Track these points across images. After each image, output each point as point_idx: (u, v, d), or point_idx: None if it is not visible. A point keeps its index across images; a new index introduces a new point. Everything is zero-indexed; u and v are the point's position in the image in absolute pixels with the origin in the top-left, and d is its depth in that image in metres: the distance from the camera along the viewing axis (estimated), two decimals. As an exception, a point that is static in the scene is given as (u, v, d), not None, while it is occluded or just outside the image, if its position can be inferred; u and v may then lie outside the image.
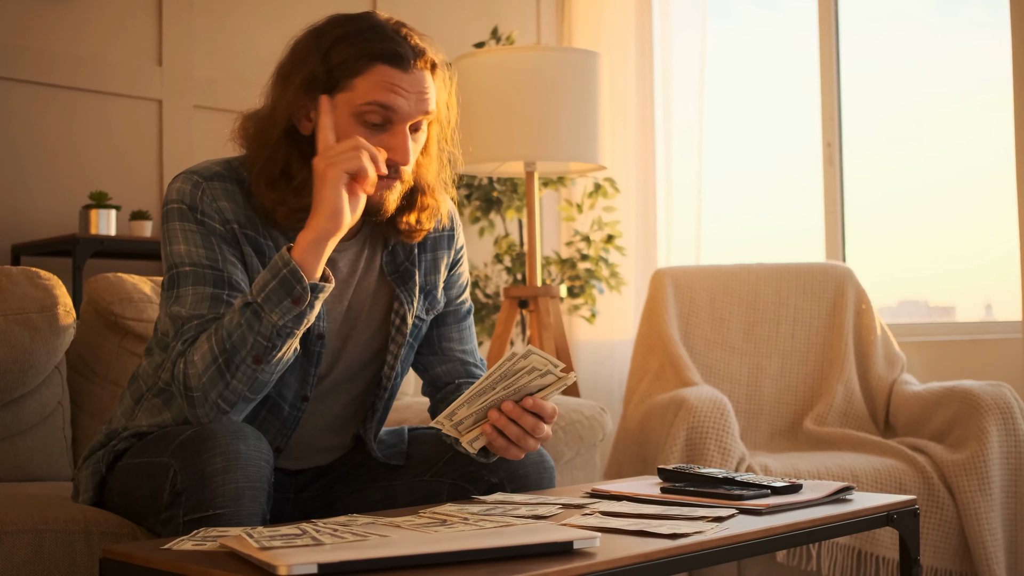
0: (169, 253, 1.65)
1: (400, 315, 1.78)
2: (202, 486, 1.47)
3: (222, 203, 1.65)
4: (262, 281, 1.53)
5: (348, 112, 1.62)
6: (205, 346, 1.55)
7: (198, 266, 1.62)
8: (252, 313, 1.52)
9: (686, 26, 4.41)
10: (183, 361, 1.58)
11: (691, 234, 4.33)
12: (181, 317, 1.61)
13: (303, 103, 1.66)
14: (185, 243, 1.63)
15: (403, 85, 1.62)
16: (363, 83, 1.61)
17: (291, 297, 1.51)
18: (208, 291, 1.61)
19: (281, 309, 1.52)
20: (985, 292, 4.06)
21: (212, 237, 1.63)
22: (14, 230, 3.44)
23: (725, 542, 1.35)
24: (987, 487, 2.83)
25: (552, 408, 1.58)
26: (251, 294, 1.53)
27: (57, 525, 1.70)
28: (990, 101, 3.99)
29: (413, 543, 1.22)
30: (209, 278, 1.62)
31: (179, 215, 1.64)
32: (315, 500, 1.85)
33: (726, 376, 3.39)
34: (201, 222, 1.64)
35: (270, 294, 1.52)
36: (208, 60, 3.83)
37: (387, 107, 1.61)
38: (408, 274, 1.79)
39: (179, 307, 1.61)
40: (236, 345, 1.53)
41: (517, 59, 3.30)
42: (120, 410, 1.81)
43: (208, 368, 1.54)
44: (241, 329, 1.52)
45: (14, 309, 2.20)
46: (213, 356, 1.54)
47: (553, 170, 3.61)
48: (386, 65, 1.61)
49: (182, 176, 1.67)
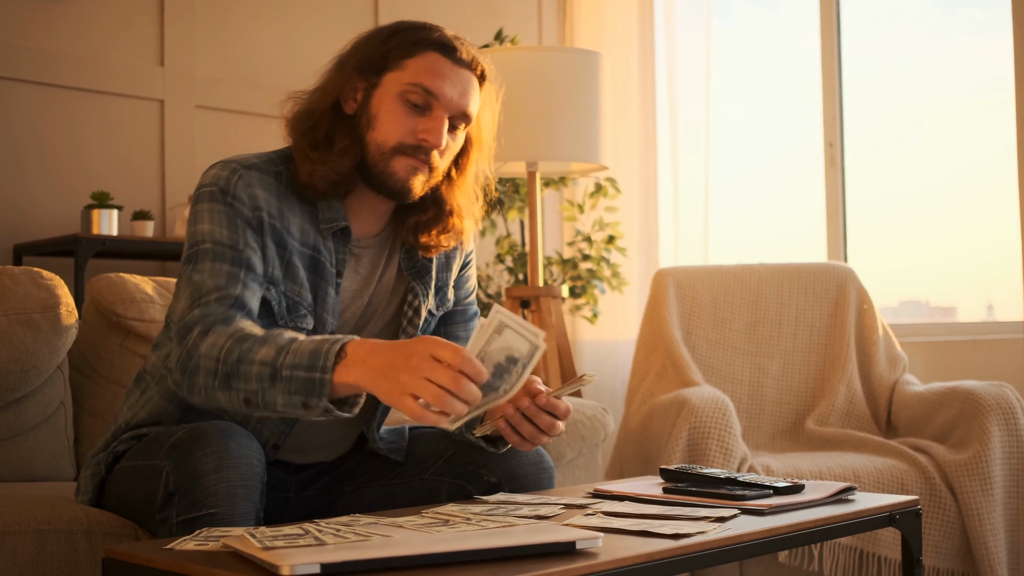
0: (193, 232, 1.65)
1: (414, 307, 1.80)
2: (194, 486, 1.48)
3: (256, 191, 1.66)
4: (297, 358, 1.45)
5: (394, 91, 1.68)
6: (220, 342, 1.52)
7: (219, 244, 1.62)
8: (270, 373, 1.47)
9: (688, 26, 4.42)
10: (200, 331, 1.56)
11: (698, 234, 4.33)
12: (205, 285, 1.60)
13: (353, 83, 1.72)
14: (210, 223, 1.64)
15: (451, 77, 1.69)
16: (413, 64, 1.68)
17: (304, 399, 1.45)
18: (226, 268, 1.61)
19: (290, 401, 1.46)
20: (986, 292, 4.06)
21: (238, 220, 1.64)
22: (16, 230, 3.45)
23: (728, 542, 1.35)
24: (989, 487, 2.83)
25: (566, 407, 1.62)
26: (282, 360, 1.46)
27: (60, 525, 1.70)
28: (991, 101, 3.99)
29: (416, 543, 1.22)
30: (228, 257, 1.62)
31: (210, 197, 1.65)
32: (315, 499, 1.85)
33: (728, 376, 3.39)
34: (231, 204, 1.64)
35: (293, 379, 1.45)
36: (210, 60, 3.84)
37: (430, 91, 1.67)
38: (425, 269, 1.82)
39: (200, 277, 1.61)
40: (240, 374, 1.49)
41: (519, 59, 3.31)
42: (126, 405, 1.81)
43: (210, 360, 1.52)
44: (254, 368, 1.48)
45: (16, 309, 2.20)
46: (218, 358, 1.52)
47: (555, 170, 3.62)
48: (437, 53, 1.69)
49: (219, 164, 1.69)
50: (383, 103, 1.69)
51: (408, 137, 1.68)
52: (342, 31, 4.10)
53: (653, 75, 4.46)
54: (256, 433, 1.72)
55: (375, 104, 1.70)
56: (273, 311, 1.67)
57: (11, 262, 3.41)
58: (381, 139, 1.68)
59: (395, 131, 1.68)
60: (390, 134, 1.68)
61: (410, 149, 1.68)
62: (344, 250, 1.72)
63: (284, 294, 1.67)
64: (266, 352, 1.48)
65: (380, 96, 1.69)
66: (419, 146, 1.68)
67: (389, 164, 1.68)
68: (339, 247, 1.72)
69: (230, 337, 1.52)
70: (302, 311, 1.68)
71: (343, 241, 1.72)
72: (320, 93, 1.75)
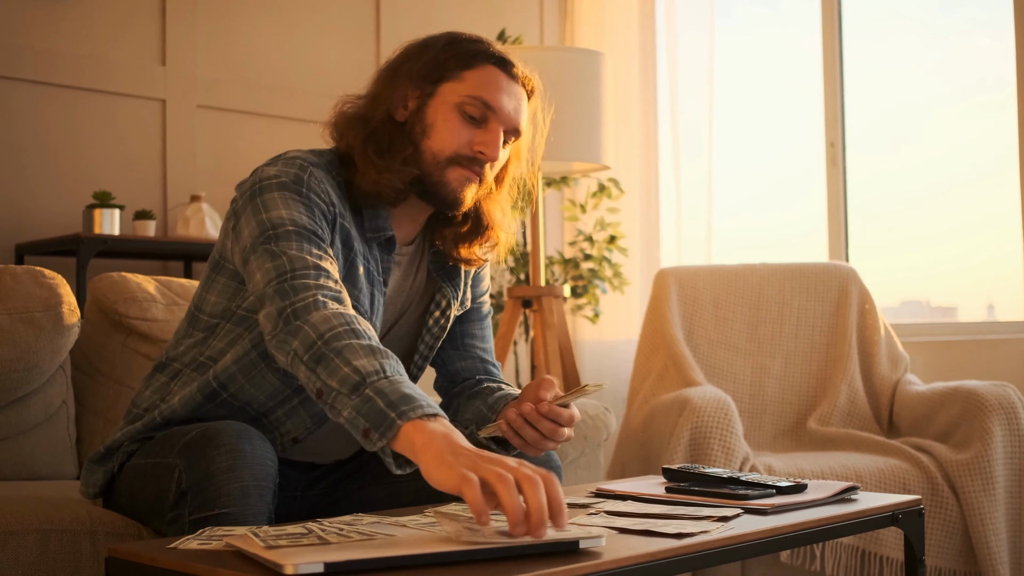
0: (265, 219, 1.57)
1: (441, 308, 1.82)
2: (207, 485, 1.48)
3: (327, 187, 1.65)
4: (388, 388, 1.37)
5: (451, 101, 1.69)
6: (334, 321, 1.44)
7: (301, 228, 1.56)
8: (356, 383, 1.38)
9: (689, 26, 4.42)
10: (316, 297, 1.48)
11: (699, 233, 4.33)
12: (303, 260, 1.52)
13: (404, 91, 1.71)
14: (287, 209, 1.58)
15: (506, 89, 1.71)
16: (472, 76, 1.70)
17: (367, 428, 1.36)
18: (314, 251, 1.55)
19: (354, 422, 1.38)
20: (987, 292, 4.06)
21: (315, 209, 1.60)
22: (18, 229, 3.45)
23: (731, 542, 1.35)
24: (991, 487, 2.83)
25: (569, 414, 1.61)
26: (375, 380, 1.37)
27: (62, 525, 1.70)
28: (992, 101, 3.99)
29: (419, 542, 1.22)
30: (314, 241, 1.57)
31: (279, 187, 1.60)
32: (321, 498, 1.85)
33: (730, 376, 3.39)
34: (307, 196, 1.60)
35: (371, 401, 1.36)
36: (212, 60, 3.84)
37: (489, 105, 1.68)
38: (455, 272, 1.83)
39: (294, 252, 1.53)
40: (332, 366, 1.41)
41: (520, 59, 3.30)
42: (150, 390, 1.77)
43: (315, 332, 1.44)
44: (346, 370, 1.40)
45: (18, 308, 2.20)
46: (322, 336, 1.43)
47: (557, 170, 3.62)
48: (495, 67, 1.71)
49: (282, 160, 1.64)
50: (440, 112, 1.69)
51: (465, 148, 1.68)
52: (343, 31, 4.12)
53: (654, 75, 4.46)
54: (279, 424, 1.71)
55: (431, 113, 1.69)
56: None
57: (13, 261, 3.41)
58: (437, 148, 1.68)
59: (452, 141, 1.68)
60: (446, 143, 1.68)
61: (465, 160, 1.69)
62: (388, 259, 1.73)
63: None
64: (366, 363, 1.40)
65: (436, 105, 1.69)
66: (475, 158, 1.69)
67: (444, 174, 1.69)
68: (383, 256, 1.73)
69: (346, 324, 1.44)
70: (360, 313, 1.68)
71: (387, 250, 1.73)
72: (372, 100, 1.73)
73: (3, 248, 3.42)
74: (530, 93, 1.78)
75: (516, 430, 1.62)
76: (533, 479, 1.20)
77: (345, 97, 1.77)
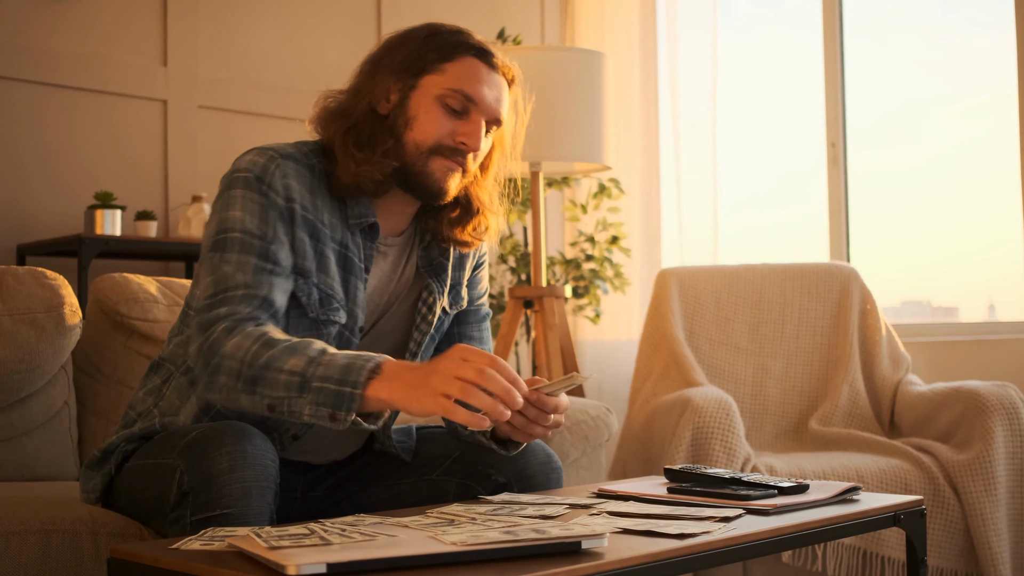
0: (223, 218, 1.65)
1: (428, 304, 1.81)
2: (209, 486, 1.48)
3: (291, 182, 1.67)
4: (329, 371, 1.47)
5: (433, 94, 1.70)
6: (246, 344, 1.52)
7: (248, 235, 1.62)
8: (299, 383, 1.48)
9: (690, 26, 4.42)
10: (225, 328, 1.55)
11: (700, 233, 4.33)
12: (232, 279, 1.60)
13: (386, 85, 1.73)
14: (242, 211, 1.64)
15: (487, 80, 1.73)
16: (453, 68, 1.71)
17: (332, 411, 1.46)
18: (253, 261, 1.61)
19: (317, 412, 1.47)
20: (989, 292, 4.06)
21: (270, 211, 1.64)
22: (19, 230, 3.45)
23: (733, 542, 1.35)
24: (993, 487, 2.82)
25: (554, 403, 1.61)
26: (313, 371, 1.47)
27: (64, 525, 1.70)
28: (993, 101, 3.99)
29: (421, 543, 1.22)
30: (255, 249, 1.62)
31: (244, 183, 1.66)
32: (322, 500, 1.85)
33: (731, 376, 3.39)
34: (265, 194, 1.65)
35: (323, 391, 1.46)
36: (213, 60, 3.84)
37: (470, 97, 1.70)
38: (441, 267, 1.83)
39: (228, 268, 1.61)
40: (267, 381, 1.49)
41: (522, 59, 3.28)
42: (143, 391, 1.80)
43: (234, 361, 1.52)
44: (282, 377, 1.48)
45: (20, 309, 2.21)
46: (243, 360, 1.51)
47: (558, 170, 3.62)
48: (475, 58, 1.73)
49: (257, 150, 1.69)
50: (421, 105, 1.71)
51: (447, 139, 1.70)
52: (345, 31, 4.12)
53: (655, 75, 4.46)
54: (276, 423, 1.72)
55: (413, 105, 1.71)
56: (302, 304, 1.67)
57: (15, 262, 3.41)
58: (419, 139, 1.70)
59: (434, 132, 1.70)
60: (428, 135, 1.70)
61: (448, 151, 1.70)
62: (372, 246, 1.74)
63: (317, 286, 1.67)
64: (296, 362, 1.48)
65: (418, 98, 1.71)
66: (457, 148, 1.71)
67: (427, 164, 1.70)
68: (367, 243, 1.74)
69: (256, 340, 1.52)
70: (335, 304, 1.69)
71: (371, 237, 1.74)
72: (354, 94, 1.75)
73: (5, 249, 3.42)
74: (510, 82, 1.79)
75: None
76: (486, 373, 1.40)
77: (328, 92, 1.78)
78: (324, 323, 1.68)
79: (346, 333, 1.72)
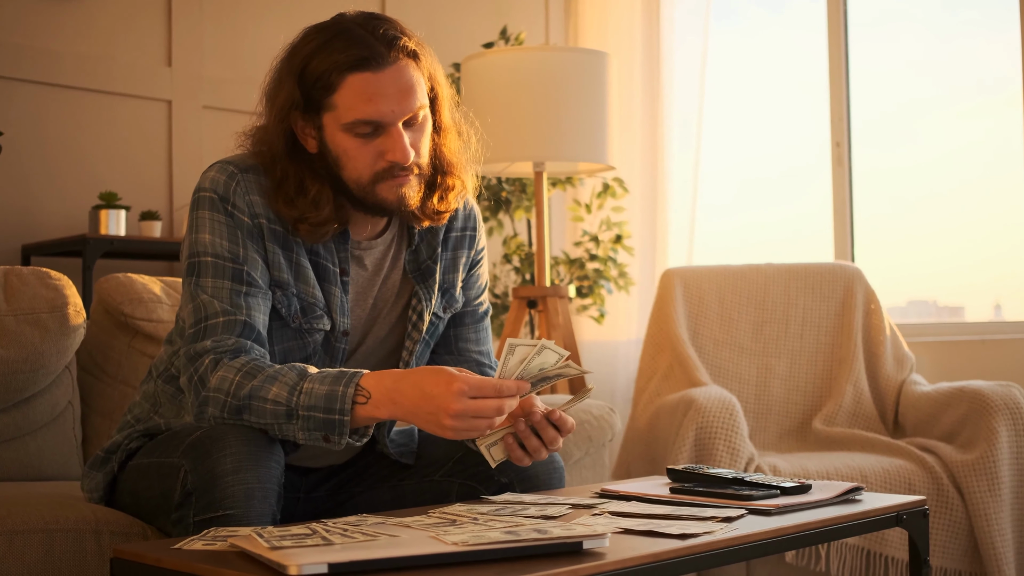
0: (194, 241, 1.65)
1: (417, 311, 1.79)
2: (212, 486, 1.48)
3: (254, 196, 1.66)
4: (312, 400, 1.51)
5: (337, 129, 1.64)
6: (230, 376, 1.56)
7: (219, 258, 1.63)
8: (285, 411, 1.53)
9: (693, 27, 4.41)
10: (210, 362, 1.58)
11: (704, 233, 4.33)
12: (210, 307, 1.61)
13: (300, 124, 1.67)
14: (211, 233, 1.64)
15: (381, 88, 1.61)
16: (341, 99, 1.62)
17: (325, 435, 1.53)
18: (227, 285, 1.62)
19: (310, 437, 1.54)
20: (994, 292, 4.05)
21: (239, 231, 1.64)
22: (24, 231, 3.45)
23: (735, 542, 1.35)
24: (996, 488, 2.82)
25: (572, 423, 1.63)
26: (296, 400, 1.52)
27: (68, 525, 1.70)
28: (998, 100, 3.98)
29: (423, 543, 1.22)
30: (228, 271, 1.62)
31: (209, 204, 1.65)
32: (325, 500, 1.85)
33: (735, 376, 3.39)
34: (231, 214, 1.64)
35: (312, 419, 1.52)
36: (217, 60, 3.84)
37: (371, 120, 1.62)
38: (429, 272, 1.80)
39: (205, 296, 1.62)
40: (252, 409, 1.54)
41: (525, 59, 3.31)
42: (141, 395, 1.82)
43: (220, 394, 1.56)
44: (267, 406, 1.53)
45: (25, 309, 2.21)
46: (228, 392, 1.55)
47: (562, 170, 3.61)
48: (358, 72, 1.60)
49: (218, 165, 1.68)
50: (336, 142, 1.64)
51: (377, 164, 1.64)
52: (349, 31, 4.11)
53: (659, 75, 4.46)
54: None
55: (331, 144, 1.65)
56: (282, 315, 1.67)
57: (19, 263, 3.42)
58: (355, 176, 1.65)
59: (363, 164, 1.64)
60: (361, 169, 1.64)
61: (385, 173, 1.64)
62: (344, 249, 1.72)
63: (297, 296, 1.67)
64: (278, 391, 1.52)
65: (331, 136, 1.64)
66: (391, 167, 1.64)
67: (375, 193, 1.65)
68: (339, 247, 1.71)
69: (239, 371, 1.55)
70: (318, 312, 1.68)
71: (342, 241, 1.72)
72: (267, 133, 1.69)
73: (9, 249, 3.42)
74: (412, 55, 1.65)
75: (522, 440, 1.62)
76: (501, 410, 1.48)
77: (248, 129, 1.72)
78: (308, 331, 1.68)
79: (332, 340, 1.71)
